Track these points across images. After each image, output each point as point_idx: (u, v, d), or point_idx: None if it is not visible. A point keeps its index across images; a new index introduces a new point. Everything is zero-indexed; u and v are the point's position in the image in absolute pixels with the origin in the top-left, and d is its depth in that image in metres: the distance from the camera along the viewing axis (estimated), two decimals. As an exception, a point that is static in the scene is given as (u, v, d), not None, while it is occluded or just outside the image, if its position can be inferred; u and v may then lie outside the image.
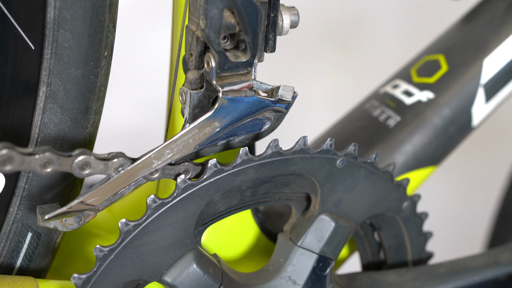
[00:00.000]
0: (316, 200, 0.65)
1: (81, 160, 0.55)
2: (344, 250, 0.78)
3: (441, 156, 0.80)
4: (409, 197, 0.71)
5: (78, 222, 0.59)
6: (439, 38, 0.86)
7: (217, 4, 0.53)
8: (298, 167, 0.62)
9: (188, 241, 0.60)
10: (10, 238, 0.64)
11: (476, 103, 0.79)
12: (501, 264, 0.75)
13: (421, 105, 0.79)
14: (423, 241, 0.76)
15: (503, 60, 0.80)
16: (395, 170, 0.75)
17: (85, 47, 0.59)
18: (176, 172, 0.60)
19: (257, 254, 0.74)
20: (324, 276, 0.67)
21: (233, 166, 0.60)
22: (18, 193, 0.62)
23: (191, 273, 0.61)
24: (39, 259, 0.66)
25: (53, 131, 0.61)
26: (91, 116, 0.62)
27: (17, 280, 0.62)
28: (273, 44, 0.59)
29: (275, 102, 0.60)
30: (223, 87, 0.58)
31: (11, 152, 0.53)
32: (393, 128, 0.79)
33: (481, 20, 0.84)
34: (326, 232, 0.66)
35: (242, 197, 0.63)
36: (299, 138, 0.62)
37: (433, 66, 0.82)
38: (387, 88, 0.83)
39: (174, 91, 0.66)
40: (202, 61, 0.59)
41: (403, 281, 0.72)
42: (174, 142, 0.58)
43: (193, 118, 0.60)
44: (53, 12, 0.57)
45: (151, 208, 0.58)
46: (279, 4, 0.58)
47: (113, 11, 0.60)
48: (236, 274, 0.65)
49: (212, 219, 0.64)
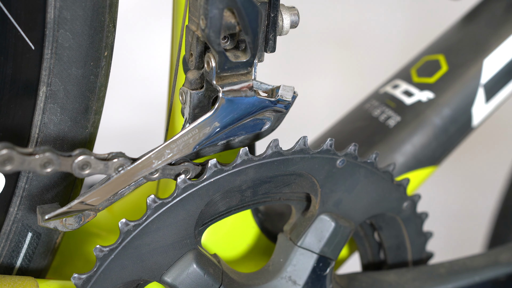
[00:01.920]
0: (316, 200, 0.65)
1: (81, 160, 0.55)
2: (344, 250, 0.78)
3: (441, 156, 0.80)
4: (409, 197, 0.71)
5: (78, 222, 0.59)
6: (439, 38, 0.86)
7: (217, 4, 0.53)
8: (298, 167, 0.62)
9: (188, 241, 0.60)
10: (10, 238, 0.64)
11: (476, 103, 0.79)
12: (501, 264, 0.75)
13: (421, 105, 0.79)
14: (423, 241, 0.76)
15: (503, 60, 0.80)
16: (395, 170, 0.75)
17: (85, 47, 0.59)
18: (176, 172, 0.60)
19: (257, 254, 0.74)
20: (324, 276, 0.67)
21: (233, 166, 0.60)
22: (18, 193, 0.62)
23: (191, 273, 0.61)
24: (39, 259, 0.66)
25: (53, 131, 0.61)
26: (91, 116, 0.62)
27: (17, 280, 0.62)
28: (273, 44, 0.59)
29: (275, 102, 0.60)
30: (223, 87, 0.58)
31: (11, 152, 0.53)
32: (393, 128, 0.79)
33: (481, 20, 0.84)
34: (326, 232, 0.66)
35: (242, 197, 0.63)
36: (299, 138, 0.62)
37: (433, 66, 0.82)
38: (387, 88, 0.83)
39: (174, 91, 0.66)
40: (202, 61, 0.59)
41: (403, 281, 0.72)
42: (174, 142, 0.58)
43: (193, 118, 0.60)
44: (53, 12, 0.57)
45: (151, 208, 0.58)
46: (279, 4, 0.58)
47: (113, 11, 0.60)
48: (236, 274, 0.65)
49: (212, 219, 0.64)
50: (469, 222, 1.72)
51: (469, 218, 1.74)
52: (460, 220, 1.76)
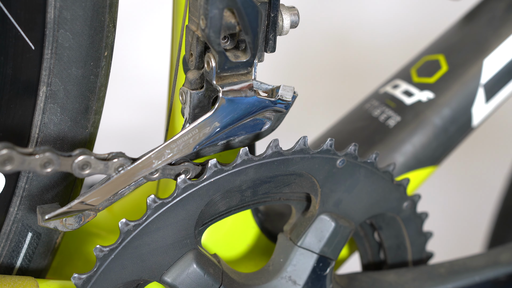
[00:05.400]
0: (316, 200, 0.65)
1: (81, 160, 0.55)
2: (344, 250, 0.78)
3: (441, 156, 0.80)
4: (409, 197, 0.71)
5: (78, 222, 0.59)
6: (439, 38, 0.86)
7: (217, 4, 0.53)
8: (298, 167, 0.62)
9: (188, 241, 0.60)
10: (10, 238, 0.64)
11: (476, 103, 0.79)
12: (501, 264, 0.75)
13: (421, 105, 0.79)
14: (423, 241, 0.76)
15: (503, 60, 0.80)
16: (395, 170, 0.75)
17: (85, 47, 0.59)
18: (176, 172, 0.60)
19: (257, 254, 0.74)
20: (324, 276, 0.67)
21: (233, 166, 0.60)
22: (18, 193, 0.62)
23: (191, 273, 0.61)
24: (39, 259, 0.66)
25: (53, 131, 0.61)
26: (91, 116, 0.62)
27: (17, 280, 0.62)
28: (273, 44, 0.59)
29: (275, 102, 0.60)
30: (223, 87, 0.58)
31: (11, 152, 0.53)
32: (393, 128, 0.79)
33: (481, 20, 0.84)
34: (326, 232, 0.66)
35: (242, 197, 0.63)
36: (299, 138, 0.62)
37: (433, 66, 0.82)
38: (387, 88, 0.83)
39: (174, 91, 0.66)
40: (202, 61, 0.59)
41: (403, 281, 0.72)
42: (174, 142, 0.58)
43: (193, 118, 0.60)
44: (53, 12, 0.57)
45: (151, 208, 0.58)
46: (279, 4, 0.58)
47: (113, 11, 0.60)
48: (236, 274, 0.65)
49: (212, 219, 0.64)
50: (469, 222, 1.72)
51: (469, 218, 1.74)
52: (460, 220, 1.76)
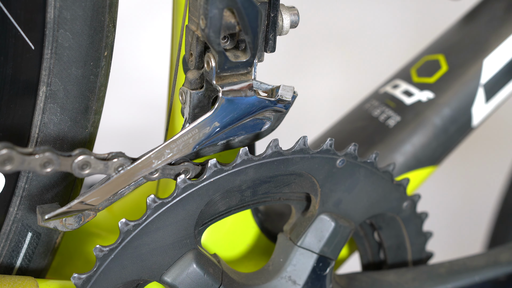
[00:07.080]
0: (316, 200, 0.65)
1: (81, 160, 0.55)
2: (344, 250, 0.78)
3: (441, 156, 0.80)
4: (409, 197, 0.71)
5: (78, 222, 0.59)
6: (439, 38, 0.86)
7: (217, 4, 0.53)
8: (298, 167, 0.62)
9: (188, 241, 0.60)
10: (10, 238, 0.64)
11: (476, 103, 0.79)
12: (501, 264, 0.75)
13: (421, 105, 0.79)
14: (423, 241, 0.76)
15: (503, 60, 0.80)
16: (395, 170, 0.75)
17: (85, 47, 0.59)
18: (176, 172, 0.60)
19: (257, 254, 0.74)
20: (324, 276, 0.67)
21: (233, 166, 0.60)
22: (18, 193, 0.62)
23: (191, 273, 0.61)
24: (39, 259, 0.66)
25: (53, 131, 0.61)
26: (91, 116, 0.62)
27: (17, 280, 0.62)
28: (273, 44, 0.59)
29: (275, 102, 0.60)
30: (223, 87, 0.58)
31: (11, 152, 0.53)
32: (393, 128, 0.79)
33: (481, 20, 0.84)
34: (326, 232, 0.66)
35: (242, 197, 0.63)
36: (299, 138, 0.62)
37: (433, 66, 0.82)
38: (387, 88, 0.83)
39: (174, 91, 0.66)
40: (202, 61, 0.59)
41: (403, 281, 0.72)
42: (174, 142, 0.58)
43: (193, 118, 0.60)
44: (53, 12, 0.57)
45: (151, 208, 0.58)
46: (279, 4, 0.58)
47: (113, 11, 0.60)
48: (236, 274, 0.65)
49: (212, 219, 0.64)
50: (469, 222, 1.72)
51: (469, 218, 1.74)
52: (460, 220, 1.76)
